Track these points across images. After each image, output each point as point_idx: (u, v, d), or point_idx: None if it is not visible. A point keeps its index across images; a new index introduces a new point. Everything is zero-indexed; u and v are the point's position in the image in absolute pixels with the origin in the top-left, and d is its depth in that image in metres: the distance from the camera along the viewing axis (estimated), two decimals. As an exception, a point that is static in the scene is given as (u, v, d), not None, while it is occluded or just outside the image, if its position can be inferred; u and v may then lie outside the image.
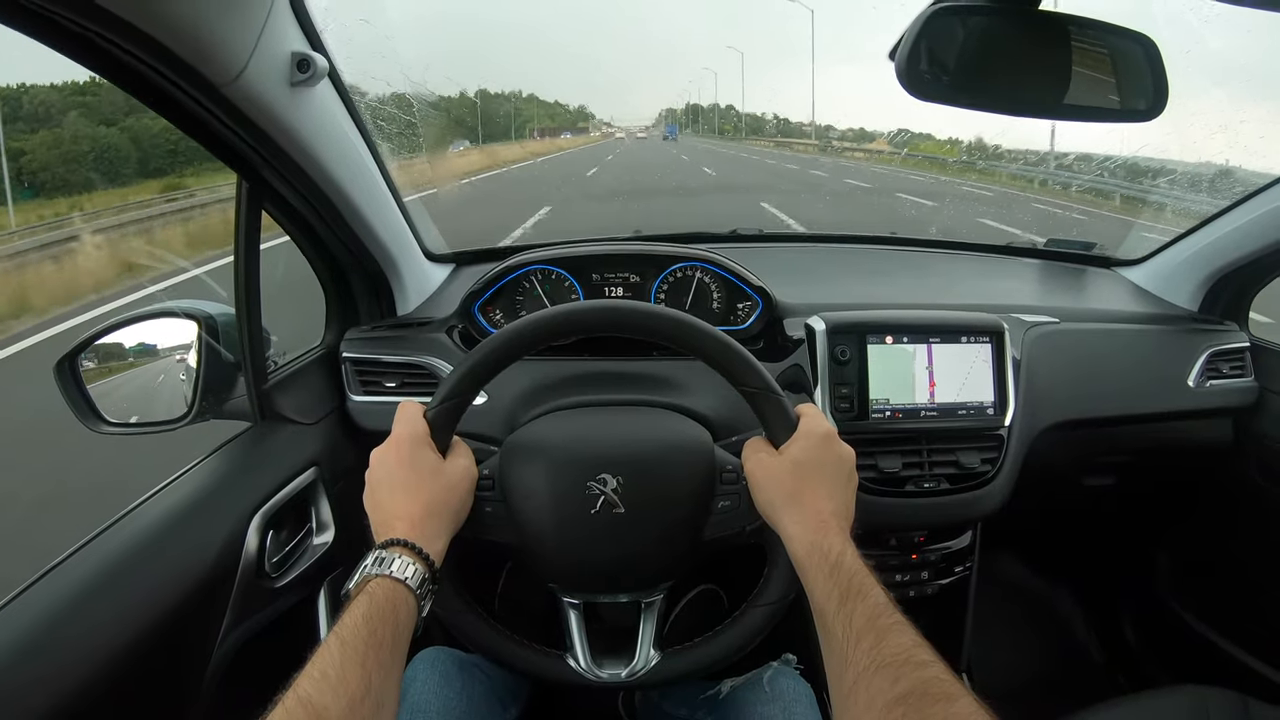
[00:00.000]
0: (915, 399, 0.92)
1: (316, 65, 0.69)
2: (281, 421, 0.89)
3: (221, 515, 0.75)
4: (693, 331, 0.66)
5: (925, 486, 0.92)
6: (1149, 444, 1.16)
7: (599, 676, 0.68)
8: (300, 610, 0.86)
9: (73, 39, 0.54)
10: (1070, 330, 1.09)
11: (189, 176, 11.61)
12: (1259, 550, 1.20)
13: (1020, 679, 1.36)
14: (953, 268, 1.40)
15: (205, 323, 0.85)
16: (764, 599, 0.66)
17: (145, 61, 0.57)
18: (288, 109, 0.70)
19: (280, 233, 0.91)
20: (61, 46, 0.55)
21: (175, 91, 0.62)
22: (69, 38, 0.54)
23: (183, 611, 0.68)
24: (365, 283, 1.02)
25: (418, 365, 0.97)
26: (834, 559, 0.55)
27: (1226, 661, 1.21)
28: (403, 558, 0.55)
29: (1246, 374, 1.15)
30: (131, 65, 0.58)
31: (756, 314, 1.05)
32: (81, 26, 0.52)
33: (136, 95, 0.62)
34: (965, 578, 1.05)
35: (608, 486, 0.66)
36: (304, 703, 0.43)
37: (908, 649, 0.48)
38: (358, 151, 0.87)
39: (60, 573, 0.63)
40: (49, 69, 15.64)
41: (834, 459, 0.63)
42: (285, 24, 0.67)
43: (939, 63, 0.66)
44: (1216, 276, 1.19)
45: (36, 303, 4.70)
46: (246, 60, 0.62)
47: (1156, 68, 0.71)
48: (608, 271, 1.06)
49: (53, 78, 15.47)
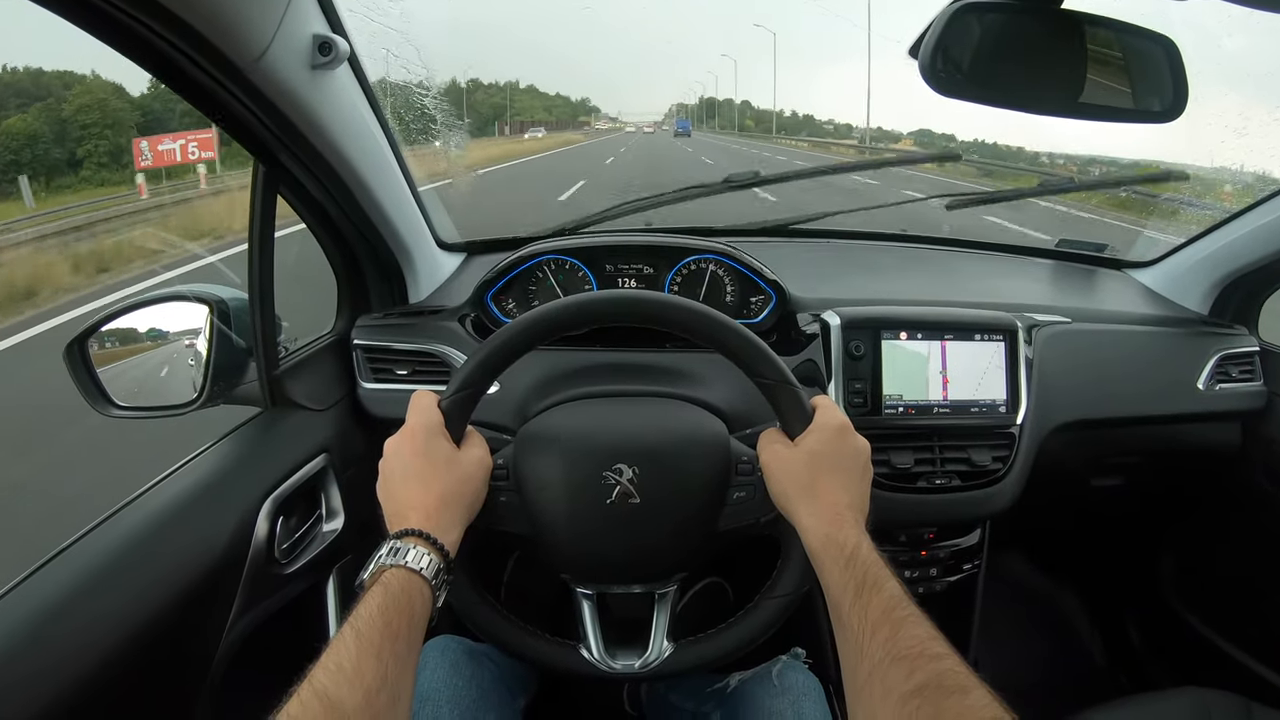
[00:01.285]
0: (928, 396, 0.92)
1: (338, 48, 0.68)
2: (292, 408, 0.88)
3: (232, 501, 0.75)
4: (710, 322, 0.65)
5: (936, 483, 0.92)
6: (1157, 446, 1.16)
7: (612, 667, 0.68)
8: (309, 597, 0.86)
9: (98, 15, 0.54)
10: (1082, 330, 1.09)
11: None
12: (1264, 554, 1.20)
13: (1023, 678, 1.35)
14: (964, 266, 1.40)
15: (217, 307, 0.84)
16: (778, 591, 0.66)
17: (169, 40, 0.57)
18: (308, 92, 0.69)
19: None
20: (86, 23, 0.54)
21: (197, 72, 0.61)
22: (94, 14, 0.53)
23: (192, 597, 0.68)
24: (378, 270, 1.02)
25: (429, 353, 0.96)
26: (849, 551, 0.55)
27: (1230, 665, 1.21)
28: (418, 548, 0.54)
29: (1255, 378, 1.15)
30: (155, 44, 0.57)
31: (770, 308, 1.05)
32: (108, 2, 0.52)
33: (159, 76, 0.62)
34: (973, 575, 1.05)
35: (624, 477, 0.66)
36: (320, 695, 0.43)
37: (923, 641, 0.48)
38: (375, 137, 0.86)
39: (68, 558, 0.63)
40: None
41: (850, 451, 0.62)
42: (308, 6, 0.67)
43: (955, 60, 0.67)
44: (1227, 280, 1.19)
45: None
46: (269, 41, 0.62)
47: (1176, 69, 0.71)
48: (621, 262, 1.06)
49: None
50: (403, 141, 0.95)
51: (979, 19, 0.66)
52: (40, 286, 4.56)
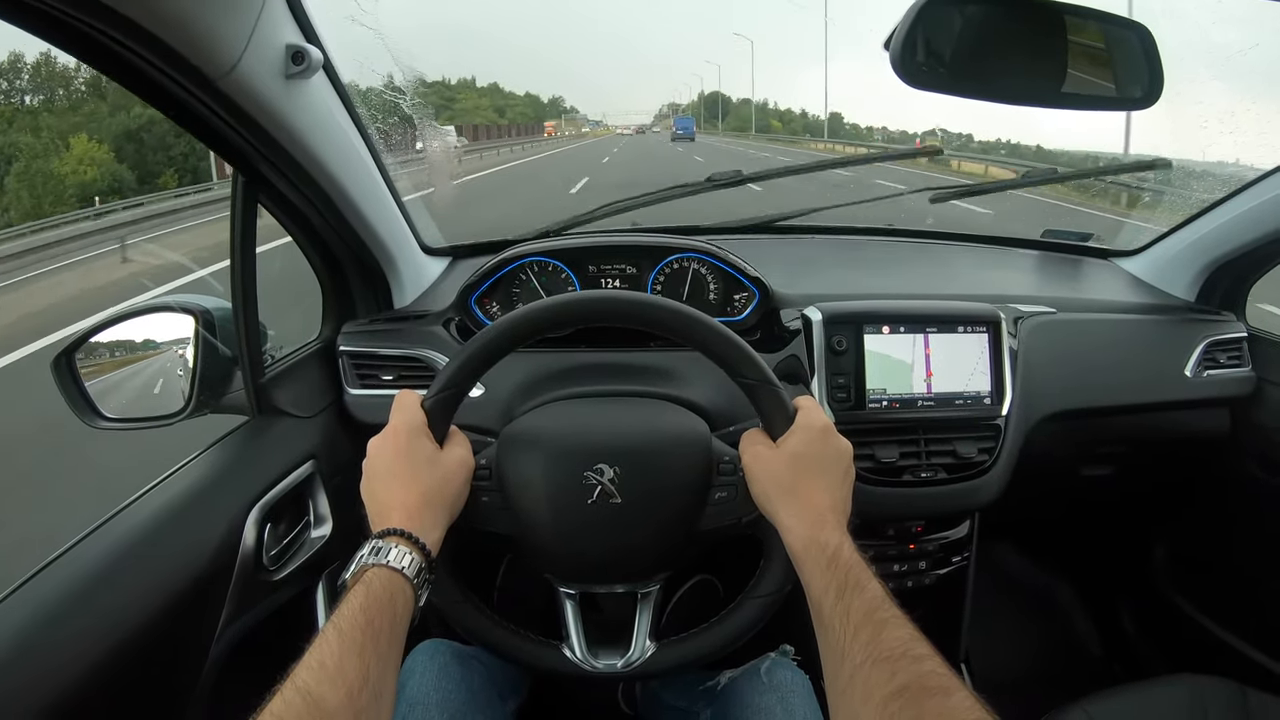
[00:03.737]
0: (912, 389, 0.93)
1: (311, 57, 0.69)
2: (279, 415, 0.89)
3: (219, 508, 0.76)
4: (690, 322, 0.66)
5: (922, 476, 0.92)
6: (1146, 434, 1.16)
7: (595, 667, 0.68)
8: (298, 603, 0.87)
9: (66, 31, 0.54)
10: (1067, 320, 1.09)
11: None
12: (1256, 540, 1.20)
13: (1018, 669, 1.36)
14: (949, 258, 1.40)
15: (202, 317, 0.84)
16: (760, 591, 0.67)
17: (139, 54, 0.57)
18: (283, 102, 0.70)
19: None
20: (54, 38, 0.55)
21: (169, 84, 0.62)
22: (61, 29, 0.54)
23: (181, 605, 0.68)
24: (362, 276, 1.02)
25: (414, 358, 0.97)
26: (831, 552, 0.55)
27: (1224, 651, 1.22)
28: (399, 547, 0.55)
29: (1244, 364, 1.15)
30: (125, 58, 0.58)
31: (753, 305, 1.05)
32: (74, 18, 0.52)
33: (130, 88, 0.62)
34: (963, 568, 1.05)
35: (604, 476, 0.66)
36: (302, 693, 0.44)
37: (905, 642, 0.48)
38: (353, 144, 0.86)
39: (58, 567, 0.64)
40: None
41: (832, 452, 0.63)
42: (280, 16, 0.67)
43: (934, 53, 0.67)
44: (1214, 266, 1.19)
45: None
46: (240, 53, 0.62)
47: (1151, 55, 0.71)
48: (604, 263, 1.06)
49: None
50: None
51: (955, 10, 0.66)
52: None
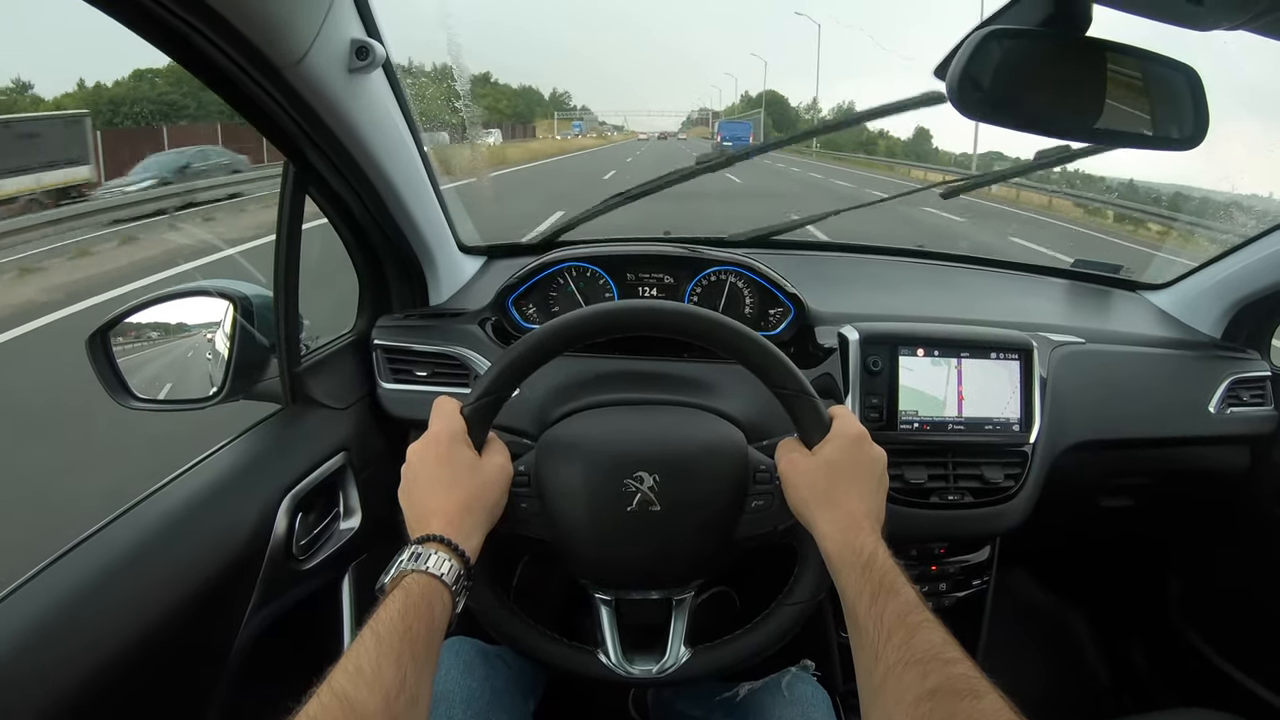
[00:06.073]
0: (943, 412, 0.93)
1: (375, 53, 0.70)
2: (312, 405, 0.89)
3: (253, 496, 0.76)
4: (732, 334, 0.66)
5: (949, 499, 0.92)
6: (1167, 467, 1.16)
7: (630, 672, 0.69)
8: (324, 594, 0.87)
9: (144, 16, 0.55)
10: (1095, 351, 1.10)
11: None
12: (1271, 578, 1.20)
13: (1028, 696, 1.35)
14: (981, 283, 1.40)
15: (240, 303, 0.85)
16: (794, 598, 0.67)
17: (213, 41, 0.58)
18: (344, 95, 0.70)
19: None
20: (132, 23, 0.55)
21: (237, 73, 0.63)
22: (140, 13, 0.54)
23: (211, 590, 0.68)
24: (400, 271, 1.02)
25: (449, 355, 0.97)
26: (866, 557, 0.56)
27: (1235, 689, 1.21)
28: (439, 554, 0.55)
29: (1266, 403, 1.16)
30: (198, 44, 0.59)
31: (788, 321, 1.05)
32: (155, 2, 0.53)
33: (199, 75, 0.63)
34: (981, 591, 1.05)
35: (644, 484, 0.66)
36: (339, 697, 0.44)
37: (937, 646, 0.49)
38: (404, 140, 0.87)
39: (90, 547, 0.64)
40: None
41: (867, 460, 0.63)
42: (347, 11, 0.68)
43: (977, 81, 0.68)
44: (1241, 305, 1.19)
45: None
46: (310, 44, 0.63)
47: (1198, 97, 0.71)
48: (643, 272, 1.07)
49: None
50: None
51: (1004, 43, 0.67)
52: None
